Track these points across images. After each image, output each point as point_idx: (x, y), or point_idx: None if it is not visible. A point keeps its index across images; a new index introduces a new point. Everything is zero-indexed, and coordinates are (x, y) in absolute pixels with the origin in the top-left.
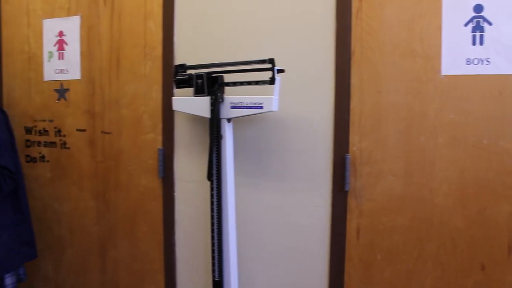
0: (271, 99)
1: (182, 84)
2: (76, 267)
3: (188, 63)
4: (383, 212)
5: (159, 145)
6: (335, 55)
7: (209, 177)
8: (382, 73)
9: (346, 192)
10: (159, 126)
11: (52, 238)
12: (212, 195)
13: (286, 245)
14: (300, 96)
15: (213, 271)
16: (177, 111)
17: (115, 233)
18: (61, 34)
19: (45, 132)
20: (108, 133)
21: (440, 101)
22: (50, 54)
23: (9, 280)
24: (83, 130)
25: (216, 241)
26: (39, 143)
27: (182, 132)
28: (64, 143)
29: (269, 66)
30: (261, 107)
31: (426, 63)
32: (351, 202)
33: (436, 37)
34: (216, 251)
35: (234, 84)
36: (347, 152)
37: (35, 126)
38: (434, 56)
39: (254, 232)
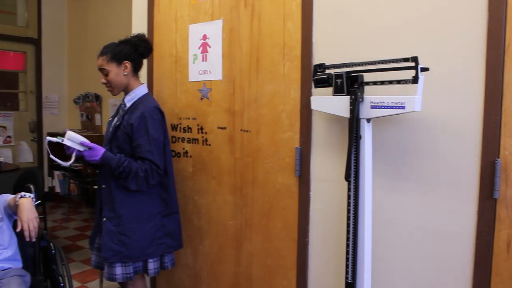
0: (414, 99)
1: (321, 83)
2: (213, 257)
3: (327, 63)
4: None
5: (297, 143)
6: (486, 50)
7: (347, 177)
8: None
9: (495, 200)
10: (297, 125)
11: (192, 229)
12: (349, 196)
13: (424, 251)
14: (444, 95)
15: (347, 272)
16: (315, 110)
17: (250, 227)
18: (205, 37)
19: (188, 129)
20: (247, 131)
21: None
22: (195, 57)
23: (152, 265)
24: (224, 128)
25: (351, 242)
26: (183, 139)
27: (319, 131)
28: (206, 139)
29: (412, 64)
30: (403, 107)
31: None
32: (501, 212)
33: None
34: (350, 252)
35: (375, 83)
36: (498, 156)
37: (180, 124)
38: None
39: (390, 236)
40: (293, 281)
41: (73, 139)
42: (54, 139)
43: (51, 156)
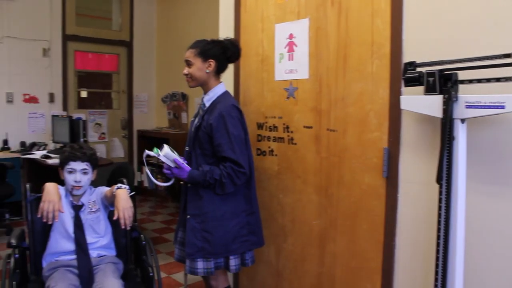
0: None
1: (411, 82)
2: (296, 256)
3: (418, 61)
4: None
5: (385, 144)
6: None
7: (439, 180)
8: None
9: None
10: (385, 124)
11: (276, 227)
12: (440, 199)
13: None
14: None
15: (436, 280)
16: (405, 110)
17: (335, 227)
18: (291, 36)
19: (274, 128)
20: (334, 130)
21: None
22: (281, 56)
23: (233, 261)
24: (310, 127)
25: (441, 248)
26: (268, 138)
27: (409, 132)
28: (292, 138)
29: None
30: (502, 107)
31: None
32: None
33: None
34: (440, 259)
35: (470, 81)
36: None
37: (266, 122)
38: None
39: (484, 244)
40: (377, 285)
41: (168, 156)
42: (151, 153)
43: (150, 177)
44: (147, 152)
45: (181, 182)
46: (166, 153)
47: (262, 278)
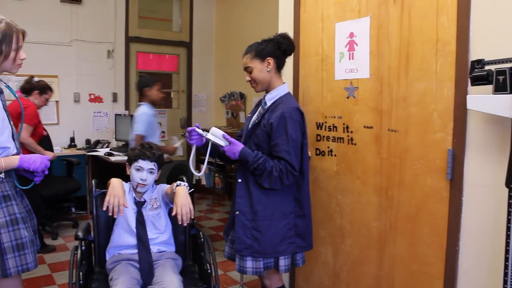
0: None
1: (479, 81)
2: (353, 257)
3: (486, 58)
4: None
5: (449, 145)
6: None
7: (508, 183)
8: None
9: None
10: (450, 125)
11: (334, 227)
12: (509, 204)
13: None
14: None
15: None
16: (471, 110)
17: (395, 230)
18: (351, 35)
19: (334, 128)
20: (395, 130)
21: None
22: (341, 55)
23: (283, 262)
24: (370, 127)
25: (510, 255)
26: (328, 138)
27: (475, 133)
28: (351, 139)
29: None
30: None
31: None
32: None
33: None
34: (510, 267)
35: None
36: None
37: (325, 122)
38: None
39: None
40: None
41: (216, 134)
42: (200, 130)
43: (193, 154)
44: (196, 130)
45: (239, 180)
46: (213, 131)
47: (319, 279)
